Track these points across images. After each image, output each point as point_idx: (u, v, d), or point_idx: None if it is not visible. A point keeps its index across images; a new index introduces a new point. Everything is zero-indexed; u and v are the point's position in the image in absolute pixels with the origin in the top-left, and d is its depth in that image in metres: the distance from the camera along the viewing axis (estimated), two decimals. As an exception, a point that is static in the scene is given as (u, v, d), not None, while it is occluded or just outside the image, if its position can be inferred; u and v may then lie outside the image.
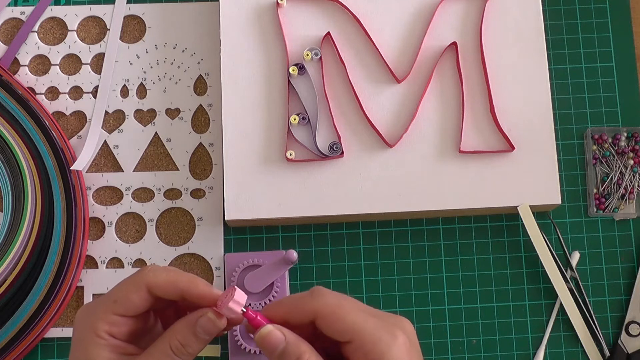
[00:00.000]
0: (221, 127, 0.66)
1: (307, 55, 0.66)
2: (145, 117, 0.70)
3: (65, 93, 0.70)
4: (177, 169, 0.69)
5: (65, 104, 0.70)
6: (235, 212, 0.64)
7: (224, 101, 0.66)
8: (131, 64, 0.71)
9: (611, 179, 0.68)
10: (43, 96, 0.70)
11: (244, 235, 0.68)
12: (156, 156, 0.69)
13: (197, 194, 0.68)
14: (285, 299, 0.46)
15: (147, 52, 0.71)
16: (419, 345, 0.45)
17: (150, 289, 0.44)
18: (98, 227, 0.68)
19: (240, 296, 0.44)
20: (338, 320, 0.43)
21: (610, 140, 0.69)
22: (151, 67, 0.70)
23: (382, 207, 0.64)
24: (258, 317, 0.44)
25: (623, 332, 0.66)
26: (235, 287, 0.45)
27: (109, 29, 0.71)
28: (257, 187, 0.64)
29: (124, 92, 0.70)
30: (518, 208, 0.65)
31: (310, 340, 0.44)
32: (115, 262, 0.67)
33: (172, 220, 0.68)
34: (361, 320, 0.43)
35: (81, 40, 0.71)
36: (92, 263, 0.67)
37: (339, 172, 0.65)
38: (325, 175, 0.65)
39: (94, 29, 0.72)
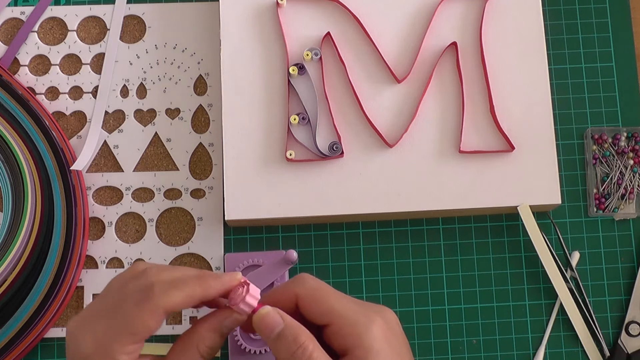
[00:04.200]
0: (221, 127, 0.66)
1: (307, 55, 0.66)
2: (145, 117, 0.70)
3: (65, 93, 0.70)
4: (177, 169, 0.69)
5: (65, 104, 0.70)
6: (235, 212, 0.64)
7: (224, 101, 0.66)
8: (131, 64, 0.71)
9: (611, 179, 0.68)
10: (43, 96, 0.70)
11: (244, 235, 0.68)
12: (156, 156, 0.69)
13: (197, 194, 0.68)
14: (272, 289, 0.47)
15: (147, 52, 0.71)
16: (402, 334, 0.46)
17: (168, 312, 0.43)
18: (98, 227, 0.68)
19: (255, 290, 0.44)
20: (317, 302, 0.45)
21: (610, 140, 0.69)
22: (151, 67, 0.70)
23: (382, 207, 0.64)
24: None
25: (623, 332, 0.66)
26: (247, 280, 0.45)
27: (109, 29, 0.71)
28: (257, 187, 0.64)
29: (124, 92, 0.70)
30: (518, 208, 0.65)
31: None
32: (115, 262, 0.67)
33: (172, 220, 0.68)
34: (340, 304, 0.44)
35: (81, 40, 0.71)
36: (92, 263, 0.67)
37: (339, 172, 0.65)
38: (325, 175, 0.65)
39: (94, 29, 0.72)
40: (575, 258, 0.67)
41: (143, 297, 0.43)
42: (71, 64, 0.71)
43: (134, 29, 0.72)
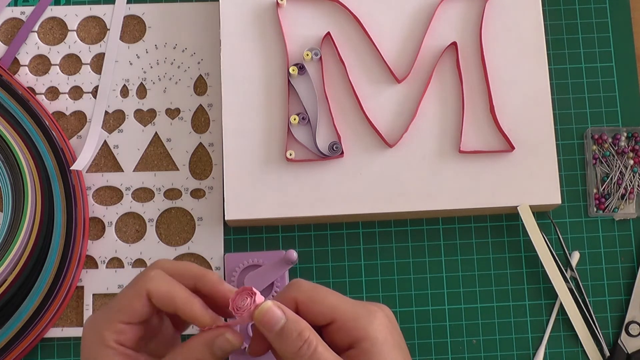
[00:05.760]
0: (221, 127, 0.66)
1: (307, 55, 0.66)
2: (145, 117, 0.70)
3: (65, 93, 0.70)
4: (177, 169, 0.69)
5: (65, 104, 0.70)
6: (235, 212, 0.64)
7: (224, 101, 0.66)
8: (131, 64, 0.71)
9: (611, 179, 0.68)
10: (43, 96, 0.70)
11: (244, 235, 0.68)
12: (156, 156, 0.69)
13: (197, 194, 0.68)
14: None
15: (147, 52, 0.71)
16: (398, 328, 0.46)
17: (150, 297, 0.44)
18: (98, 227, 0.68)
19: (261, 300, 0.44)
20: (317, 302, 0.45)
21: (610, 140, 0.69)
22: (151, 67, 0.70)
23: (382, 207, 0.64)
24: None
25: (623, 332, 0.66)
26: (254, 289, 0.44)
27: (109, 29, 0.71)
28: (257, 187, 0.64)
29: (124, 92, 0.70)
30: (518, 208, 0.65)
31: None
32: (115, 262, 0.67)
33: (172, 220, 0.68)
34: (339, 301, 0.45)
35: (81, 40, 0.71)
36: (92, 263, 0.67)
37: (339, 172, 0.65)
38: (325, 175, 0.65)
39: (94, 29, 0.72)
40: (575, 258, 0.67)
41: (136, 279, 0.45)
42: (71, 64, 0.71)
43: (134, 29, 0.72)
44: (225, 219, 0.64)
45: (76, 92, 0.70)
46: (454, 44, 0.67)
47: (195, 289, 0.46)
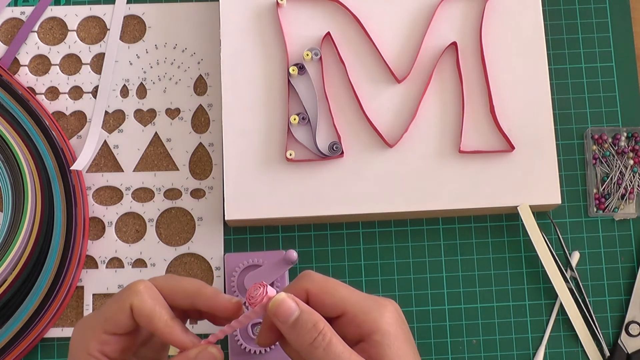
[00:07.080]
0: (221, 127, 0.66)
1: (307, 55, 0.66)
2: (145, 117, 0.70)
3: (65, 93, 0.70)
4: (177, 169, 0.69)
5: (65, 104, 0.70)
6: (235, 212, 0.64)
7: (224, 101, 0.66)
8: (131, 64, 0.71)
9: (611, 179, 0.68)
10: (43, 96, 0.70)
11: (244, 235, 0.68)
12: (156, 156, 0.69)
13: (197, 194, 0.68)
14: (282, 289, 0.47)
15: (147, 52, 0.71)
16: (406, 322, 0.46)
17: (133, 312, 0.44)
18: (98, 227, 0.68)
19: (272, 292, 0.45)
20: (328, 294, 0.45)
21: (610, 140, 0.69)
22: (151, 67, 0.70)
23: (382, 207, 0.64)
24: None
25: (623, 332, 0.66)
26: (265, 283, 0.45)
27: (109, 29, 0.71)
28: (257, 187, 0.64)
29: (124, 92, 0.70)
30: (518, 208, 0.65)
31: None
32: (115, 262, 0.67)
33: (172, 220, 0.68)
34: (349, 293, 0.45)
35: (81, 40, 0.71)
36: (92, 263, 0.67)
37: (339, 172, 0.65)
38: (325, 175, 0.65)
39: (94, 29, 0.72)
40: (575, 258, 0.67)
41: (123, 290, 0.45)
42: (71, 64, 0.71)
43: (134, 29, 0.72)
44: (225, 219, 0.64)
45: (76, 92, 0.70)
46: (454, 44, 0.67)
47: (193, 307, 0.46)
